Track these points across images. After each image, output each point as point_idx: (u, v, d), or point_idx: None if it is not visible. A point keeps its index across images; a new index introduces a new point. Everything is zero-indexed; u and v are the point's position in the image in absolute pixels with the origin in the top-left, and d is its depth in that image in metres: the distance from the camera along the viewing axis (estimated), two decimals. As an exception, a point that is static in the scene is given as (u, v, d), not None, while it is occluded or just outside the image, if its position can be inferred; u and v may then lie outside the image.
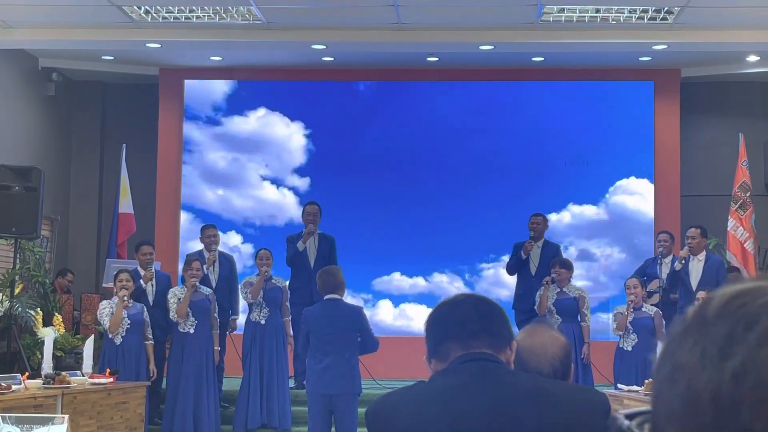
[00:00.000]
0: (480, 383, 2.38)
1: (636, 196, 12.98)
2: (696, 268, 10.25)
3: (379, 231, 13.06)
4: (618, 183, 13.01)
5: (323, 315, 8.07)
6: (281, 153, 13.31)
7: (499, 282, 12.72)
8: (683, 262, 10.26)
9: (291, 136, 13.32)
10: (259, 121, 13.34)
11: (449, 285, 12.95)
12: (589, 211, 13.06)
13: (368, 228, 13.05)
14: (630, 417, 1.09)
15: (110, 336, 9.34)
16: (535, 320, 4.79)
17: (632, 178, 13.00)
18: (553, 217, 12.60)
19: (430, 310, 2.63)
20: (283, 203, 13.22)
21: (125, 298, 9.31)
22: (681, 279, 10.29)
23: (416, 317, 12.85)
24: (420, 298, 13.01)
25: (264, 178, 13.33)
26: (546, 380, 2.59)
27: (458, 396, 2.37)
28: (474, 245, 12.99)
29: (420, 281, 13.06)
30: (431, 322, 2.55)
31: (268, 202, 13.28)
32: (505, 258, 11.52)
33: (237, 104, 13.37)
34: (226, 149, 13.34)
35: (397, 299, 13.07)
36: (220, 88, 13.35)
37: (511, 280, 11.36)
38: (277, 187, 13.28)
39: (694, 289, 10.07)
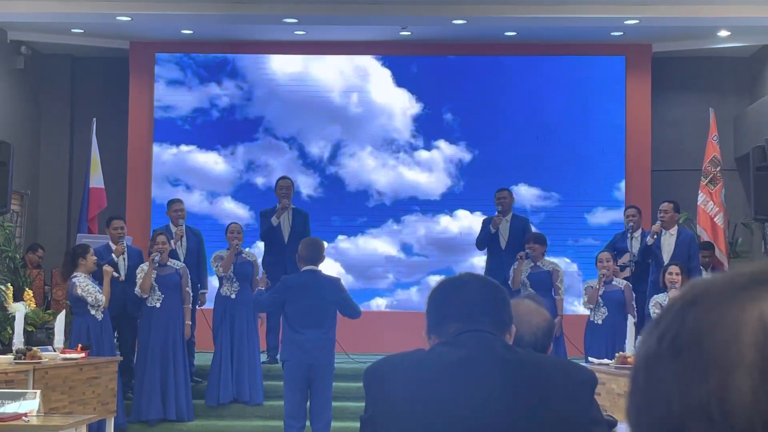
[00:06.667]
0: (478, 354, 2.43)
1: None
2: (668, 242, 10.28)
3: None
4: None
5: (302, 286, 8.00)
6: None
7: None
8: (655, 236, 10.29)
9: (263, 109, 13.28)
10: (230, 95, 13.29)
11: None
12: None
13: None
14: None
15: (92, 312, 9.10)
16: (525, 294, 4.85)
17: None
18: (522, 190, 12.69)
19: None
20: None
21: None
22: (653, 253, 10.33)
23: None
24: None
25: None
26: (540, 355, 2.69)
27: (457, 365, 2.42)
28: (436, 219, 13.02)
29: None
30: (434, 300, 2.59)
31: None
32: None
33: (207, 78, 13.29)
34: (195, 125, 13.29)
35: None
36: (192, 61, 13.26)
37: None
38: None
39: (665, 263, 10.12)
